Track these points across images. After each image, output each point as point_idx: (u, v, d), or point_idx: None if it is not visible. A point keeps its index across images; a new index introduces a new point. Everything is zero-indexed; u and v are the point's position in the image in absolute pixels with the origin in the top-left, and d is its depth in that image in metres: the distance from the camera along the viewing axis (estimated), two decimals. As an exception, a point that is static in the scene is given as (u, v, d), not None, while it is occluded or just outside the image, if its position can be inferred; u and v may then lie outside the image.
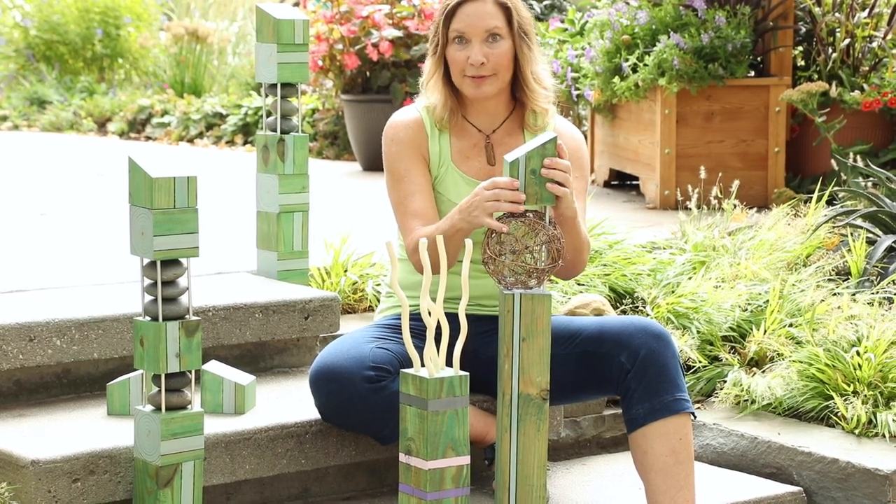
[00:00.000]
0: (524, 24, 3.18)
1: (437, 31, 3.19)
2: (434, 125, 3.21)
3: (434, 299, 2.92)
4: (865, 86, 5.91)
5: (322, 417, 3.14)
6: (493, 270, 2.88)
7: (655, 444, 3.05)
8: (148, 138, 9.09)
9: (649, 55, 5.82)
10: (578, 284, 4.05)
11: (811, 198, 4.83)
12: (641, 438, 3.06)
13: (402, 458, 2.79)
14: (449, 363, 2.84)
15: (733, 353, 3.94)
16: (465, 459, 2.78)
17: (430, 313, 2.77)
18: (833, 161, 5.57)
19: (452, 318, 2.98)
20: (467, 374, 2.79)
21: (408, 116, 3.24)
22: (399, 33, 7.10)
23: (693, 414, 3.09)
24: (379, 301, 3.78)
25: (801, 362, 3.75)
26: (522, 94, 3.21)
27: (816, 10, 6.04)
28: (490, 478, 3.30)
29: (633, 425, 3.07)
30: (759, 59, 6.07)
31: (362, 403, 3.03)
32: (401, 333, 3.18)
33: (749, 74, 5.95)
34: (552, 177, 2.90)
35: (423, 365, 2.80)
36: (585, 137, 6.44)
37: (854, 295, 4.12)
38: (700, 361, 3.88)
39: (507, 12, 3.15)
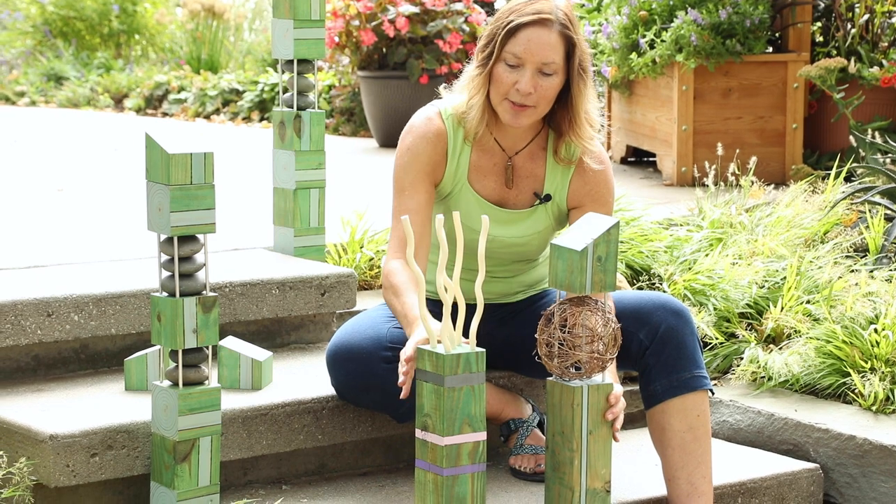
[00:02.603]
0: (584, 60, 3.04)
1: (492, 41, 3.03)
2: (457, 138, 3.11)
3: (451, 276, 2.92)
4: (884, 61, 5.87)
5: (339, 396, 3.15)
6: (560, 363, 2.79)
7: (673, 420, 3.05)
8: (164, 114, 9.09)
9: (667, 31, 5.80)
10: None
11: (829, 174, 4.81)
12: (659, 414, 3.06)
13: (419, 433, 2.79)
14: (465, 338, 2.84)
15: (750, 330, 3.94)
16: (482, 436, 2.78)
17: (445, 289, 2.76)
18: (851, 137, 5.54)
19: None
20: (483, 350, 2.76)
21: (431, 127, 3.11)
22: (416, 9, 7.08)
23: (711, 390, 3.09)
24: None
25: (819, 339, 3.74)
26: (570, 130, 3.09)
27: (835, -15, 6.01)
28: (506, 454, 3.30)
29: (651, 401, 3.07)
30: (777, 35, 6.04)
31: (379, 383, 3.03)
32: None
33: (767, 50, 5.92)
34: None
35: (439, 341, 2.80)
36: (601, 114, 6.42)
37: (872, 272, 4.11)
38: (717, 338, 3.87)
39: (569, 46, 3.01)
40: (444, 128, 3.11)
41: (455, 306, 2.80)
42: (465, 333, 2.86)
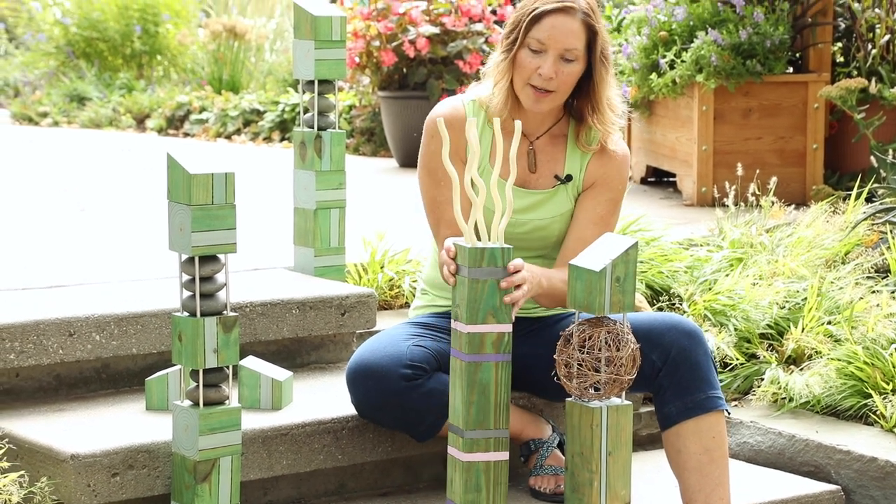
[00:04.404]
0: (605, 48, 3.12)
1: (516, 28, 3.12)
2: (478, 122, 3.16)
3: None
4: (905, 82, 5.87)
5: (359, 414, 3.15)
6: (579, 384, 2.82)
7: (688, 442, 3.04)
8: (186, 135, 9.13)
9: (687, 51, 5.80)
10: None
11: (850, 195, 4.80)
12: (674, 437, 3.05)
13: (453, 323, 2.88)
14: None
15: (771, 351, 3.93)
16: (507, 327, 2.83)
17: (473, 185, 2.82)
18: (872, 158, 5.53)
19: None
20: (511, 247, 2.84)
21: (453, 113, 3.19)
22: (436, 30, 7.10)
23: (727, 411, 3.08)
24: (415, 296, 3.79)
25: (840, 360, 3.73)
26: (593, 116, 3.17)
27: (856, 5, 6.00)
28: (526, 474, 3.30)
29: (666, 423, 3.06)
30: (797, 55, 6.04)
31: (399, 401, 3.04)
32: (437, 331, 3.18)
33: (787, 71, 5.92)
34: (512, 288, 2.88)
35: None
36: (622, 134, 6.43)
37: (893, 292, 4.09)
38: (737, 359, 3.87)
39: (591, 34, 3.09)
40: (464, 112, 3.19)
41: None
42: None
